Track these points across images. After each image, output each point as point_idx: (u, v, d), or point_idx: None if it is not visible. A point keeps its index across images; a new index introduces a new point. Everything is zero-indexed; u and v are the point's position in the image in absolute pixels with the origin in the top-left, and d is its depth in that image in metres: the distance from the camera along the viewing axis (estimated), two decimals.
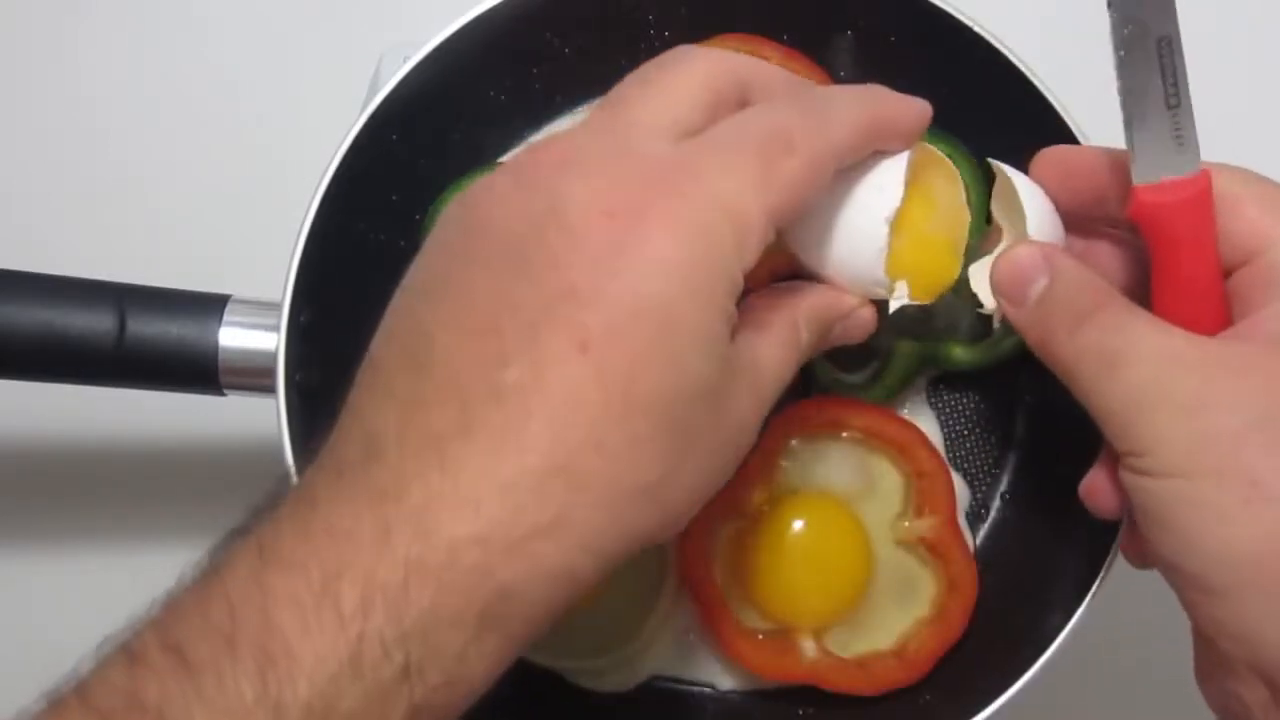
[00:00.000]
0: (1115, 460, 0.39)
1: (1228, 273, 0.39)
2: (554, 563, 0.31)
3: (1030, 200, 0.41)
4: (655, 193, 0.33)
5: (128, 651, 0.30)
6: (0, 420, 0.60)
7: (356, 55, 0.59)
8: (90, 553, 0.58)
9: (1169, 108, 0.38)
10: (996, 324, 0.42)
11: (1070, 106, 0.48)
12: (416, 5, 0.64)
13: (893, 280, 0.40)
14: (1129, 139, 0.38)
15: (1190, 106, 0.38)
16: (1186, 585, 0.36)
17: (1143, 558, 0.40)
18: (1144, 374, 0.36)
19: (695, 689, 0.51)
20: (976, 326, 0.50)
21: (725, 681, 0.50)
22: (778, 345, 0.37)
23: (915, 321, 0.51)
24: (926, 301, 0.41)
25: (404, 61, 0.48)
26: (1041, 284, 0.38)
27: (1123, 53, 0.37)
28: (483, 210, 0.35)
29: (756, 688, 0.50)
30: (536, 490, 0.31)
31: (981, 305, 0.42)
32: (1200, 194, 0.38)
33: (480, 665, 0.31)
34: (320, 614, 0.29)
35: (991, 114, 0.48)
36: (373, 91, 0.48)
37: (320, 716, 0.29)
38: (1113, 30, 0.37)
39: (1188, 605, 0.36)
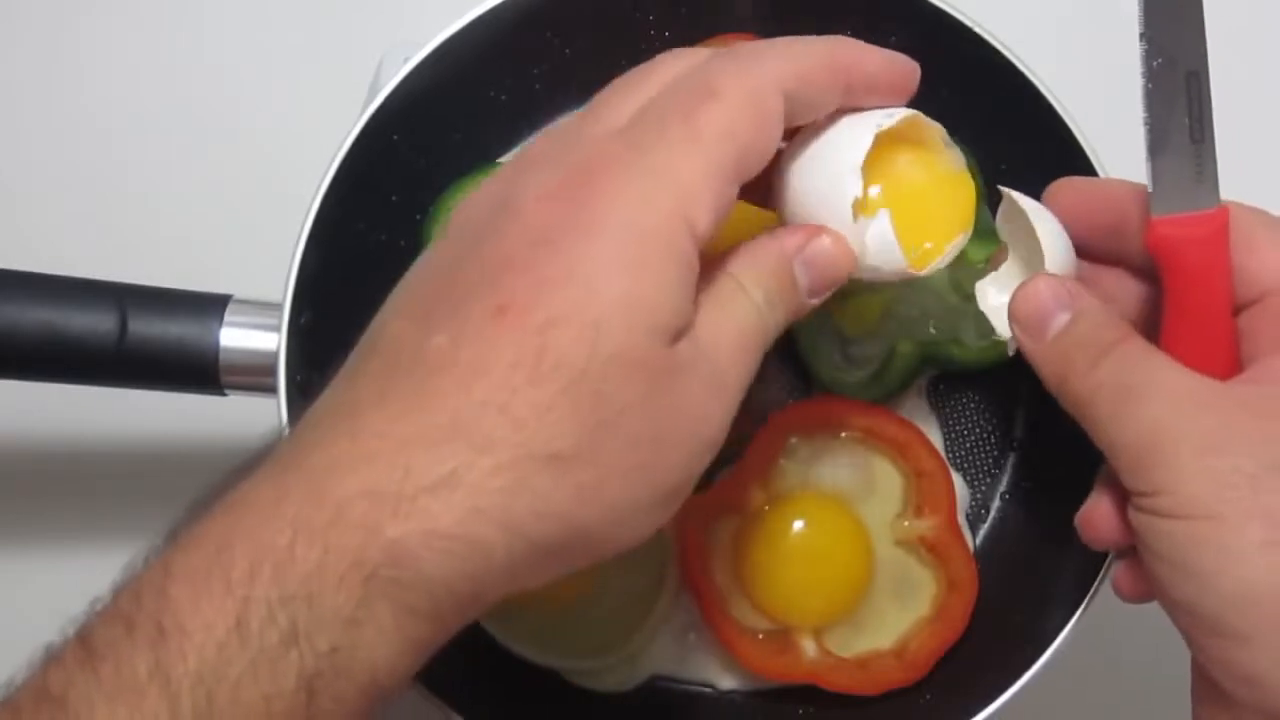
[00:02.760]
0: (1117, 494, 0.39)
1: (1238, 309, 0.39)
2: (446, 525, 0.30)
3: (1046, 229, 0.41)
4: (595, 175, 0.33)
5: (48, 650, 0.31)
6: (0, 420, 0.60)
7: (357, 56, 0.59)
8: (90, 553, 0.58)
9: (1192, 142, 0.38)
10: (1011, 352, 0.41)
11: (1070, 106, 0.48)
12: (417, 5, 0.64)
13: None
14: (1150, 170, 0.38)
15: (1213, 142, 0.38)
16: (1198, 627, 0.35)
17: (1138, 594, 0.40)
18: (1160, 412, 0.36)
19: (695, 689, 0.51)
20: (976, 327, 0.50)
21: (725, 681, 0.50)
22: (730, 319, 0.35)
23: (915, 322, 0.51)
24: (915, 272, 0.39)
25: (404, 62, 0.48)
26: (1062, 320, 0.38)
27: (1150, 84, 0.37)
28: (462, 213, 0.36)
29: (756, 687, 0.50)
30: (432, 447, 0.30)
31: (993, 329, 0.42)
32: (1218, 230, 0.38)
33: (380, 637, 0.30)
34: (210, 583, 0.29)
35: (992, 116, 0.48)
36: (373, 92, 0.49)
37: (209, 686, 0.29)
38: (1142, 61, 0.37)
39: (1196, 647, 0.36)
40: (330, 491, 0.30)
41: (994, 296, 0.43)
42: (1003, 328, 0.41)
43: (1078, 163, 0.48)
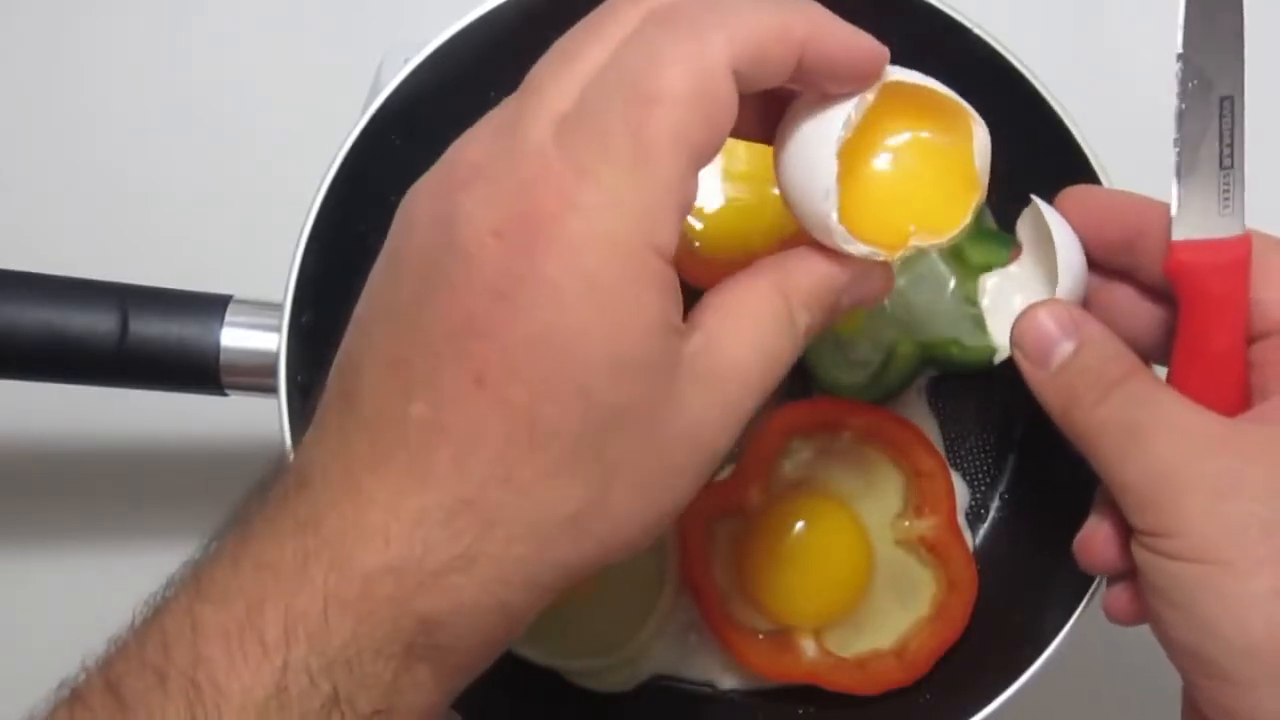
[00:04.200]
0: (1117, 522, 0.38)
1: (1249, 341, 0.38)
2: (474, 596, 0.31)
3: (1063, 242, 0.40)
4: (541, 202, 0.30)
5: (74, 693, 0.30)
6: (1, 420, 0.60)
7: (357, 56, 0.59)
8: (91, 553, 0.58)
9: (1221, 167, 0.37)
10: (996, 361, 0.41)
11: (1071, 109, 0.48)
12: (417, 6, 0.64)
13: (852, 230, 0.35)
14: (1176, 192, 0.38)
15: (1242, 169, 0.37)
16: (1198, 670, 0.35)
17: (1130, 618, 0.39)
18: (1170, 451, 0.35)
19: (695, 689, 0.51)
20: (976, 326, 0.50)
21: (725, 681, 0.50)
22: (758, 334, 0.34)
23: (915, 321, 0.51)
24: (893, 255, 0.36)
25: (405, 62, 0.48)
26: (1067, 349, 0.38)
27: (1184, 106, 0.37)
28: (404, 233, 0.33)
29: (757, 687, 0.50)
30: (444, 524, 0.30)
31: (987, 328, 0.42)
32: (1240, 259, 0.37)
33: (419, 695, 0.31)
34: (245, 645, 0.29)
35: (993, 117, 0.48)
36: (374, 92, 0.48)
37: None
38: (1178, 82, 0.37)
39: (1194, 688, 0.35)
40: (354, 564, 0.30)
41: (995, 296, 0.43)
42: (997, 333, 0.41)
43: (1078, 165, 0.47)
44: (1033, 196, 0.42)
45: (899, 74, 0.35)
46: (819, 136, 0.34)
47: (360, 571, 0.30)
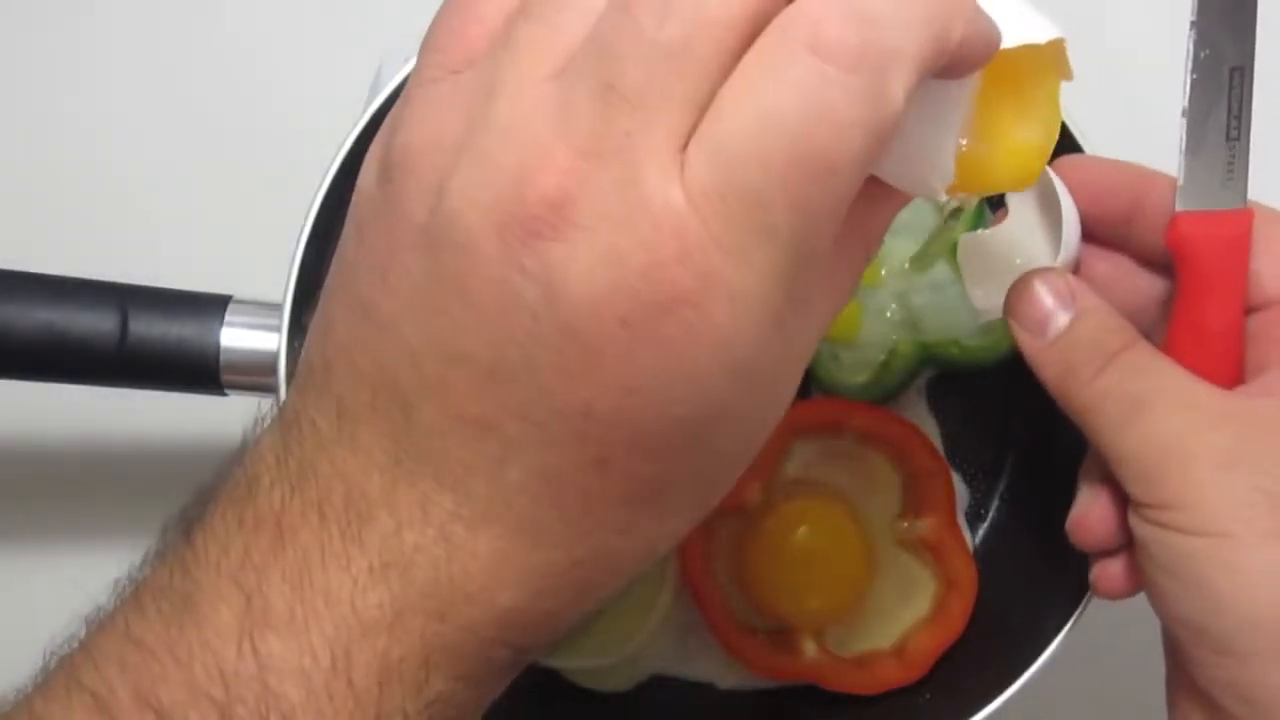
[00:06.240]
0: (1113, 498, 0.38)
1: (1246, 313, 0.38)
2: (556, 622, 0.30)
3: (1068, 212, 0.40)
4: (678, 284, 0.25)
5: (97, 700, 0.27)
6: (0, 420, 0.60)
7: (357, 57, 0.59)
8: (91, 552, 0.58)
9: (1228, 139, 0.37)
10: (980, 320, 0.40)
11: (1069, 105, 0.47)
12: (417, 7, 0.64)
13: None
14: (1183, 164, 0.37)
15: (1248, 142, 0.37)
16: (1199, 643, 0.35)
17: (1120, 591, 0.39)
18: (1172, 423, 0.35)
19: (695, 688, 0.51)
20: (976, 326, 0.50)
21: (726, 680, 0.50)
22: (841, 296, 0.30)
23: (915, 322, 0.51)
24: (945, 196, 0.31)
25: (405, 63, 0.48)
26: (1063, 319, 0.37)
27: (1195, 75, 0.37)
28: (460, 244, 0.26)
29: (757, 687, 0.50)
30: (556, 581, 0.29)
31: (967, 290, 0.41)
32: (1242, 231, 0.37)
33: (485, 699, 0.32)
34: (331, 688, 0.27)
35: None
36: (373, 93, 0.48)
37: None
38: (1189, 52, 0.37)
39: (1193, 662, 0.35)
40: (453, 616, 0.28)
41: (977, 257, 0.42)
42: (977, 296, 0.40)
43: (1063, 142, 0.47)
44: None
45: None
46: (940, 123, 0.29)
47: (463, 623, 0.28)
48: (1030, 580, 0.49)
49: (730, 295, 0.25)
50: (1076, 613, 0.45)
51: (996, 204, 0.45)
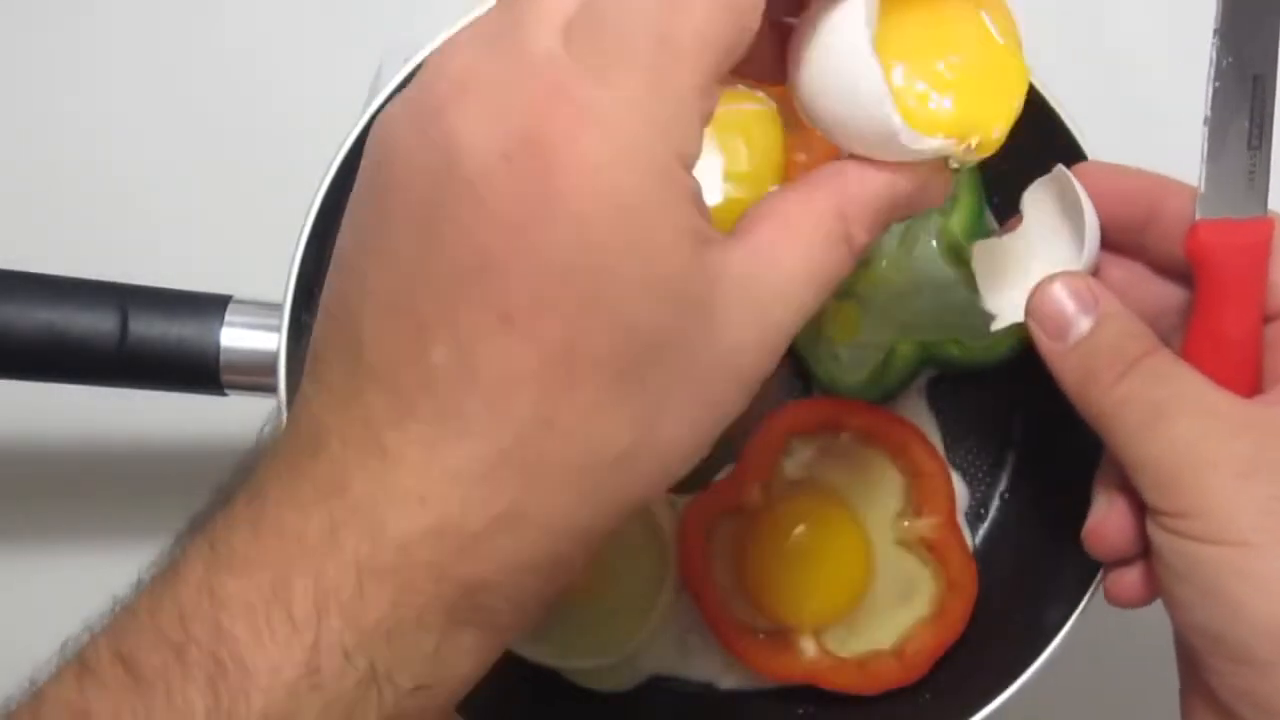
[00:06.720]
0: (1130, 506, 0.38)
1: (1265, 322, 0.38)
2: (521, 554, 0.29)
3: (1090, 217, 0.39)
4: (554, 117, 0.27)
5: (81, 661, 0.29)
6: (0, 420, 0.60)
7: (357, 57, 0.59)
8: (91, 553, 0.58)
9: (1250, 147, 0.37)
10: (990, 328, 0.41)
11: (1069, 105, 0.48)
12: (417, 7, 0.64)
13: (921, 130, 0.31)
14: (1204, 171, 0.37)
15: (1269, 151, 0.37)
16: (1217, 652, 0.35)
17: (1134, 600, 0.39)
18: (1193, 430, 0.35)
19: (695, 688, 0.51)
20: (976, 326, 0.50)
21: (725, 680, 0.50)
22: (812, 253, 0.31)
23: (915, 322, 0.51)
24: (966, 140, 0.32)
25: (405, 62, 0.48)
26: (1085, 324, 0.37)
27: (1217, 84, 0.37)
28: (387, 162, 0.30)
29: (757, 687, 0.50)
30: (483, 479, 0.28)
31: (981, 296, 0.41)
32: (1262, 240, 0.37)
33: (465, 663, 0.30)
34: (271, 620, 0.28)
35: None
36: (373, 93, 0.49)
37: None
38: (1212, 60, 0.37)
39: (1210, 671, 0.35)
40: (388, 531, 0.28)
41: (993, 263, 0.42)
42: (992, 302, 0.40)
43: (1064, 146, 0.47)
44: (1060, 166, 0.41)
45: None
46: (846, 43, 0.31)
47: (395, 538, 0.28)
48: (1030, 580, 0.49)
49: (600, 120, 0.28)
50: (1076, 612, 0.45)
51: (1008, 212, 0.45)
